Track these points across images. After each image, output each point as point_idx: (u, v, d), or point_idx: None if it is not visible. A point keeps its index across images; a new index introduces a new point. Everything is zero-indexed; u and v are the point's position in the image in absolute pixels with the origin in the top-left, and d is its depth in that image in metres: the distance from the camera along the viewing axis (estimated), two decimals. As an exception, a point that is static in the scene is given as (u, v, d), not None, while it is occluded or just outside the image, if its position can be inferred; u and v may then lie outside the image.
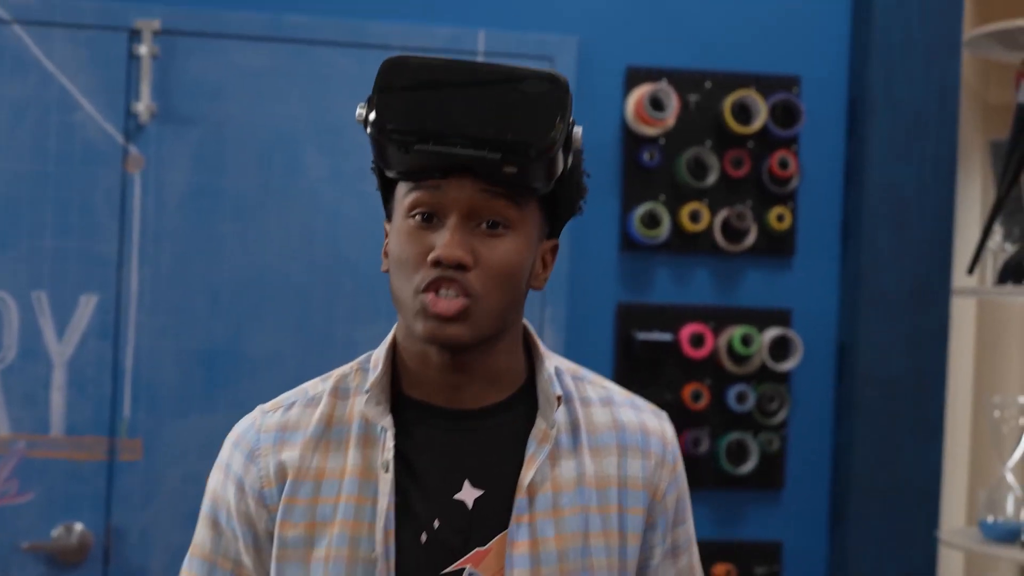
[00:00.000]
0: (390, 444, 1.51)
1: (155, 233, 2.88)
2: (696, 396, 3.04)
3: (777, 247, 3.13)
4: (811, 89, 3.16)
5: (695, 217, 3.05)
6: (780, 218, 3.10)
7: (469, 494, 1.53)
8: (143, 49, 2.85)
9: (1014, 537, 2.96)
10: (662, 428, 1.65)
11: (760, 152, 3.12)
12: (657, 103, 3.01)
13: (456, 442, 1.54)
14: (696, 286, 3.11)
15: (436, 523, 1.51)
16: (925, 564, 3.11)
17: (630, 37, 3.09)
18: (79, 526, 2.85)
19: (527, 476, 1.52)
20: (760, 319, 3.12)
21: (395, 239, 1.50)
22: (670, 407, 3.06)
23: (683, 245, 3.09)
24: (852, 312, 3.12)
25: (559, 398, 1.55)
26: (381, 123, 1.45)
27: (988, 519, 3.00)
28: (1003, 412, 3.03)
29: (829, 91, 3.17)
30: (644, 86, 3.04)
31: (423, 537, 1.51)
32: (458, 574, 1.51)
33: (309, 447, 1.55)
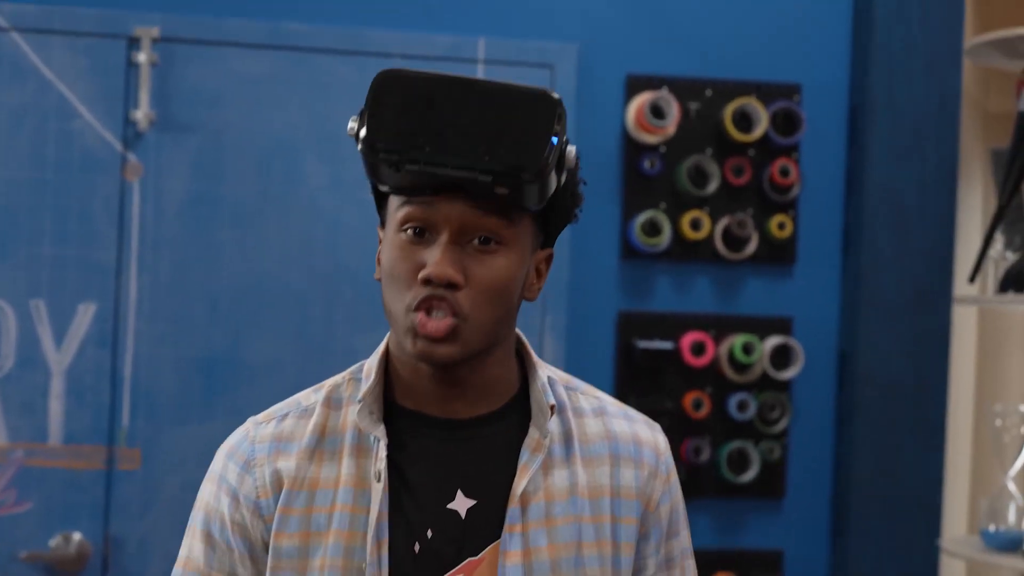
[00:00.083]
0: (383, 454, 1.51)
1: (154, 241, 2.88)
2: (697, 404, 3.03)
3: (778, 255, 3.12)
4: (812, 97, 3.15)
5: (696, 225, 3.04)
6: (781, 226, 3.09)
7: (462, 504, 1.52)
8: (142, 57, 2.85)
9: (1016, 546, 2.95)
10: (655, 439, 1.64)
11: (761, 160, 3.11)
12: (658, 111, 3.00)
13: (449, 452, 1.53)
14: (697, 294, 3.10)
15: (429, 533, 1.51)
16: (927, 573, 3.10)
17: (630, 45, 3.08)
18: (77, 535, 2.84)
19: (520, 485, 1.52)
20: (761, 327, 3.11)
21: (387, 251, 1.49)
22: (671, 416, 3.05)
23: (684, 253, 3.08)
24: (853, 320, 3.11)
25: (552, 407, 1.55)
26: (371, 141, 1.44)
27: (990, 528, 2.99)
28: (1005, 421, 3.02)
29: (830, 99, 3.17)
30: (645, 94, 3.03)
31: (416, 547, 1.50)
32: (451, 583, 1.51)
33: (304, 457, 1.54)
